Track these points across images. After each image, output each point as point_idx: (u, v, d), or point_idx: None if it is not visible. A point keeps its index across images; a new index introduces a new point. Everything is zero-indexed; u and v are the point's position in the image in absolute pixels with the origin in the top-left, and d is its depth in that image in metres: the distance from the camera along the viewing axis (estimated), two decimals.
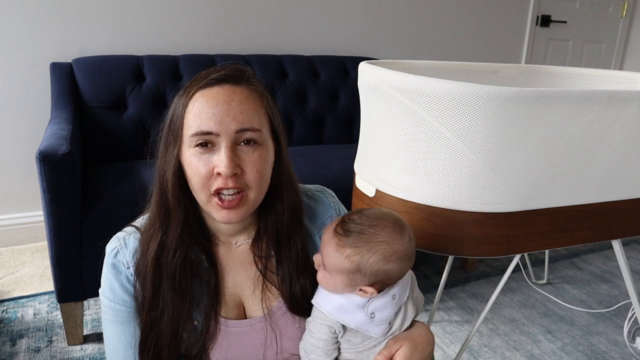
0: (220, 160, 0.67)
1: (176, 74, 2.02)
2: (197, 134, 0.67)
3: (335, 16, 2.60)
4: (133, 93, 1.93)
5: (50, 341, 1.52)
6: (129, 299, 0.74)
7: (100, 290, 0.77)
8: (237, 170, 0.67)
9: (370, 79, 1.06)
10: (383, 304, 0.73)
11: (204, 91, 0.69)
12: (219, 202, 0.69)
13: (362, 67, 1.12)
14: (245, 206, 0.70)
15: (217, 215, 0.70)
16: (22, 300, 1.72)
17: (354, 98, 2.36)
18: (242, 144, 0.69)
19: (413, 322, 0.78)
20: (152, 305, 0.72)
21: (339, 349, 0.77)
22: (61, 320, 1.54)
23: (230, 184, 0.67)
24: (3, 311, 1.66)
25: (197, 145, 0.68)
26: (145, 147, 0.79)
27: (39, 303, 1.71)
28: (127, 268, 0.74)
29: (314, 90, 2.29)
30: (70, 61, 1.96)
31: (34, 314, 1.64)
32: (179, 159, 0.71)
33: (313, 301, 0.76)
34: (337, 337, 0.75)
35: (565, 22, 3.45)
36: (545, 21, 3.35)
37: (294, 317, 0.79)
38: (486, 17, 3.12)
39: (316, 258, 0.76)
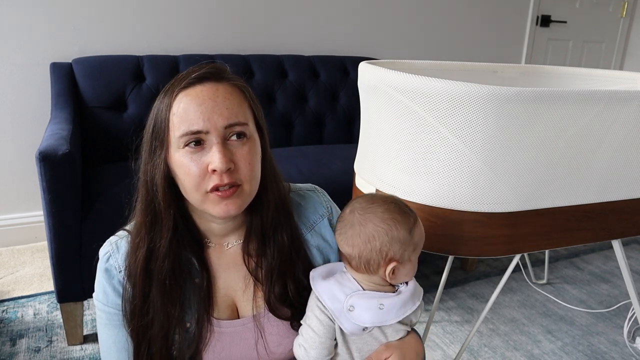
0: (213, 157, 0.67)
1: (176, 74, 2.02)
2: (186, 134, 0.67)
3: (335, 16, 2.60)
4: (133, 93, 1.93)
5: (50, 341, 1.52)
6: (122, 303, 0.74)
7: (94, 295, 0.77)
8: (230, 165, 0.67)
9: (370, 79, 1.06)
10: (366, 305, 0.72)
11: (187, 91, 0.68)
12: (218, 194, 0.68)
13: (362, 67, 1.12)
14: (241, 198, 0.70)
15: (215, 210, 0.69)
16: (22, 300, 1.72)
17: (354, 98, 2.35)
18: (232, 138, 0.69)
19: None
20: (143, 312, 0.72)
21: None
22: (61, 320, 1.54)
23: (226, 179, 0.67)
24: (3, 311, 1.66)
25: (186, 146, 0.68)
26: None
27: (39, 303, 1.71)
28: (119, 272, 0.74)
29: (314, 90, 2.29)
30: (70, 61, 1.96)
31: (34, 314, 1.64)
32: (167, 162, 0.70)
33: (311, 282, 0.76)
34: (334, 328, 0.74)
35: (565, 22, 3.45)
36: (545, 21, 3.35)
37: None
38: (486, 17, 3.12)
39: None
